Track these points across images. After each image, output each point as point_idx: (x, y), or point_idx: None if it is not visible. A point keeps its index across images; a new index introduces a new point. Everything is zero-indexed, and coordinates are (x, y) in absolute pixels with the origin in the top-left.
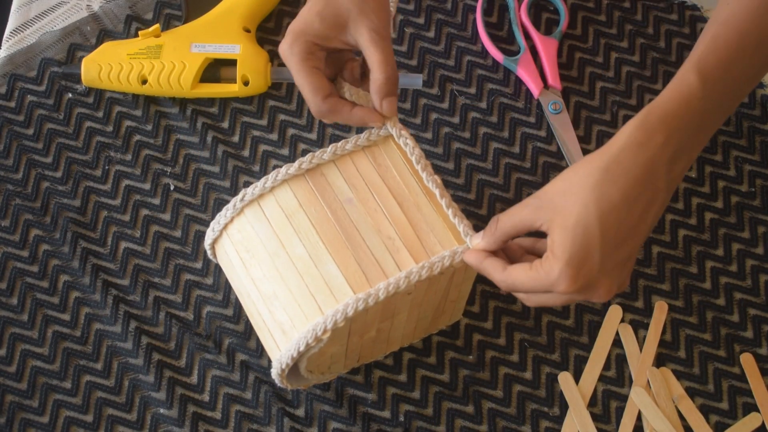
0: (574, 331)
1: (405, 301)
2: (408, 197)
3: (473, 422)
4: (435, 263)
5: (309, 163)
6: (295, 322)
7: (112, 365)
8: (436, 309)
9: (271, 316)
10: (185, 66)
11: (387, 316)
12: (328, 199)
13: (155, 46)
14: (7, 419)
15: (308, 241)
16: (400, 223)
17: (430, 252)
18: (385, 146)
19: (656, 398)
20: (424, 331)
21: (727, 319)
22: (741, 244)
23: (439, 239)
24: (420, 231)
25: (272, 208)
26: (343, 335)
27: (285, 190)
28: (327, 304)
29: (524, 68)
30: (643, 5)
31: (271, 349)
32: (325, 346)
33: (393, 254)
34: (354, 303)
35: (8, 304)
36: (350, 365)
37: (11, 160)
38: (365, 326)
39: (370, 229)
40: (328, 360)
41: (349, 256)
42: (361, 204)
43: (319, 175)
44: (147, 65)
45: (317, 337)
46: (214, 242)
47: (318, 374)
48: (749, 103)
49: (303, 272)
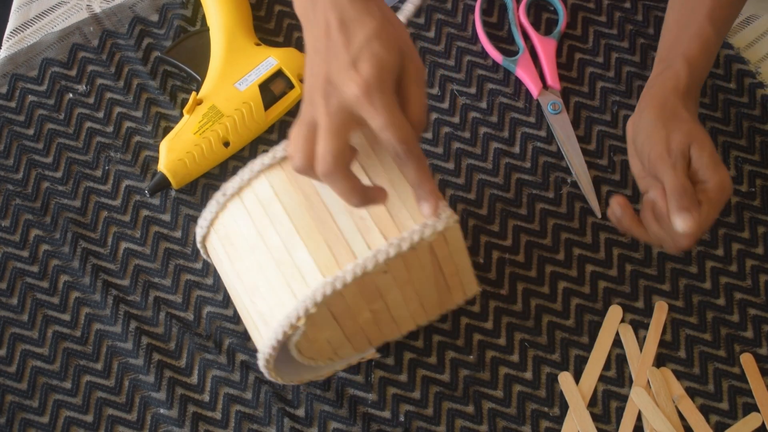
0: (574, 331)
1: (387, 281)
2: (382, 174)
3: (473, 422)
4: (404, 239)
5: (283, 151)
6: (274, 311)
7: (112, 365)
8: (438, 285)
9: (254, 307)
10: (250, 105)
11: (373, 297)
12: (302, 185)
13: (210, 109)
14: (7, 419)
15: (283, 230)
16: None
17: (401, 228)
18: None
19: (656, 398)
20: (437, 307)
21: (727, 319)
22: (741, 244)
23: (411, 214)
24: (392, 207)
25: (251, 200)
26: (326, 320)
27: (262, 181)
28: (300, 291)
29: (523, 68)
30: (643, 5)
31: (256, 341)
32: (310, 332)
33: (363, 234)
34: (322, 287)
35: (8, 304)
36: (361, 348)
37: (11, 160)
38: (351, 309)
39: (342, 211)
40: (327, 345)
41: (321, 241)
42: None
43: None
44: (219, 128)
45: (292, 325)
46: (204, 239)
47: (323, 360)
48: (749, 103)
49: (279, 261)
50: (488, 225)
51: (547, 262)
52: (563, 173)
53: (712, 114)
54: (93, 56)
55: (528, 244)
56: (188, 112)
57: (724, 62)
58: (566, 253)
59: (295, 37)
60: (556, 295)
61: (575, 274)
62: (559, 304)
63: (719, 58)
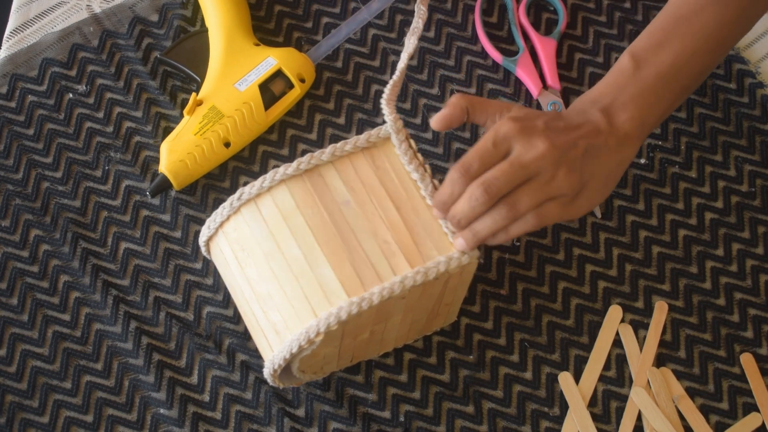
0: (574, 331)
1: (399, 305)
2: (406, 201)
3: (473, 422)
4: (430, 268)
5: (307, 164)
6: (289, 323)
7: (112, 365)
8: (431, 312)
9: (264, 316)
10: (250, 105)
11: (381, 319)
12: (326, 201)
13: (210, 110)
14: (7, 419)
15: (304, 243)
16: (396, 227)
17: (425, 257)
18: (384, 148)
19: (656, 398)
20: (418, 332)
21: (727, 319)
22: (741, 244)
23: (435, 244)
24: (416, 235)
25: (269, 208)
26: (336, 337)
27: (282, 191)
28: (320, 306)
29: (523, 68)
30: (643, 5)
31: (263, 349)
32: (317, 348)
33: (388, 258)
34: (348, 307)
35: (8, 304)
36: (343, 364)
37: (11, 160)
38: (358, 329)
39: (366, 232)
40: (321, 360)
41: (345, 259)
42: (358, 206)
43: (317, 176)
44: (220, 129)
45: (310, 339)
46: (209, 239)
47: (310, 374)
48: (749, 103)
49: (298, 274)
50: None
51: (547, 262)
52: None
53: (712, 114)
54: (93, 56)
55: (528, 244)
56: (188, 113)
57: (725, 62)
58: (566, 253)
59: (295, 37)
60: (556, 295)
61: (575, 274)
62: (559, 304)
63: None
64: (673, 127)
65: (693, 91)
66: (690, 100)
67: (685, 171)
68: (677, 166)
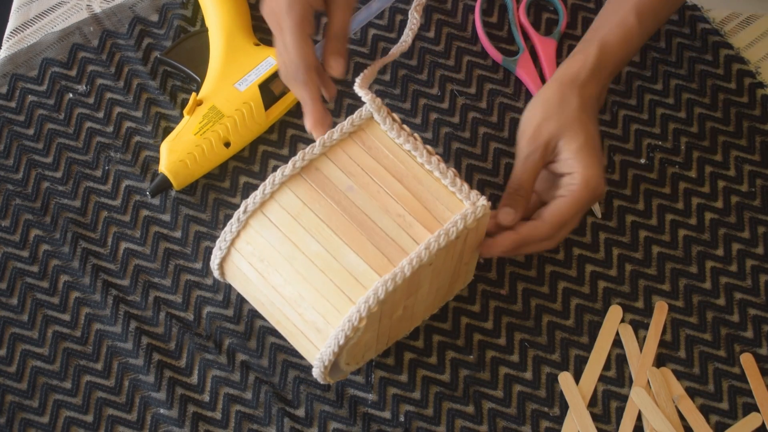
0: (574, 331)
1: (427, 273)
2: (406, 172)
3: (473, 422)
4: (450, 229)
5: (302, 161)
6: (329, 318)
7: (112, 365)
8: (453, 274)
9: (301, 318)
10: (250, 105)
11: (412, 291)
12: (330, 192)
13: (210, 110)
14: (7, 419)
15: (322, 237)
16: (405, 198)
17: (441, 220)
18: (371, 128)
19: (656, 398)
20: (442, 299)
21: (727, 319)
22: (741, 244)
23: (446, 205)
24: (426, 202)
25: (277, 213)
26: (376, 320)
27: (286, 193)
28: (355, 292)
29: (523, 69)
30: None
31: (308, 351)
32: (361, 334)
33: (407, 230)
34: (384, 285)
35: (8, 304)
36: (381, 348)
37: (11, 160)
38: (394, 306)
39: (378, 211)
40: (363, 348)
41: (366, 242)
42: (362, 189)
43: (315, 171)
44: (220, 128)
45: (354, 327)
46: (223, 261)
47: (353, 364)
48: (749, 103)
49: (324, 268)
50: None
51: (547, 262)
52: None
53: (712, 114)
54: (93, 56)
55: None
56: (188, 113)
57: (724, 62)
58: (566, 253)
59: None
60: (556, 295)
61: (575, 274)
62: (559, 304)
63: (719, 58)
64: (673, 127)
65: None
66: (690, 100)
67: (685, 171)
68: (677, 166)
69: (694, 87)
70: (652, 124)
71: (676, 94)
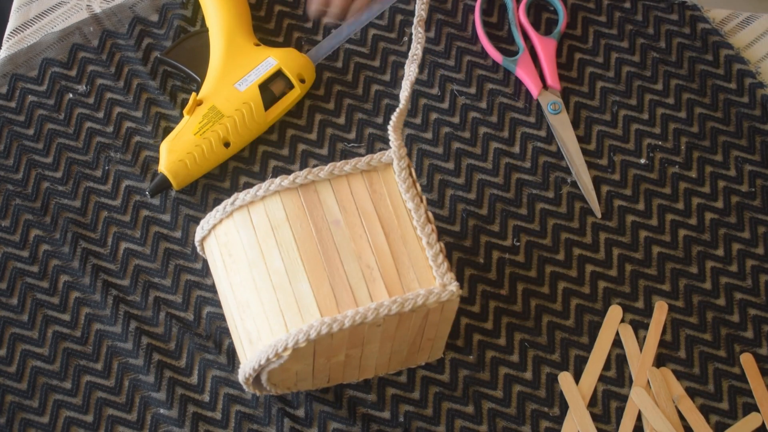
0: (574, 331)
1: (375, 333)
2: (396, 228)
3: (473, 422)
4: (407, 300)
5: (304, 179)
6: (261, 334)
7: (112, 365)
8: (412, 345)
9: (242, 323)
10: (250, 105)
11: (356, 343)
12: (316, 217)
13: (210, 110)
14: (7, 419)
15: (287, 256)
16: (382, 253)
17: (406, 287)
18: (384, 173)
19: (656, 398)
20: (400, 364)
21: (727, 319)
22: (741, 244)
23: (417, 276)
24: (401, 265)
25: (260, 216)
26: (306, 355)
27: (275, 201)
28: (293, 322)
29: (523, 69)
30: (643, 5)
31: (240, 355)
32: (287, 363)
33: (368, 283)
34: (318, 326)
35: (8, 304)
36: (319, 384)
37: (11, 160)
38: (332, 350)
39: (351, 254)
40: (293, 376)
41: (324, 278)
42: (347, 227)
43: (312, 191)
44: (220, 129)
45: (278, 353)
46: (203, 240)
47: (283, 388)
48: (749, 103)
49: (276, 286)
50: (488, 225)
51: (547, 262)
52: (563, 173)
53: (712, 114)
54: (93, 56)
55: (528, 244)
56: (188, 113)
57: (724, 62)
58: (566, 253)
59: (295, 37)
60: (556, 295)
61: (575, 274)
62: (559, 304)
63: (719, 58)
64: (673, 127)
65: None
66: (690, 100)
67: (685, 171)
68: (677, 166)
69: (694, 87)
70: (653, 124)
71: (677, 94)
